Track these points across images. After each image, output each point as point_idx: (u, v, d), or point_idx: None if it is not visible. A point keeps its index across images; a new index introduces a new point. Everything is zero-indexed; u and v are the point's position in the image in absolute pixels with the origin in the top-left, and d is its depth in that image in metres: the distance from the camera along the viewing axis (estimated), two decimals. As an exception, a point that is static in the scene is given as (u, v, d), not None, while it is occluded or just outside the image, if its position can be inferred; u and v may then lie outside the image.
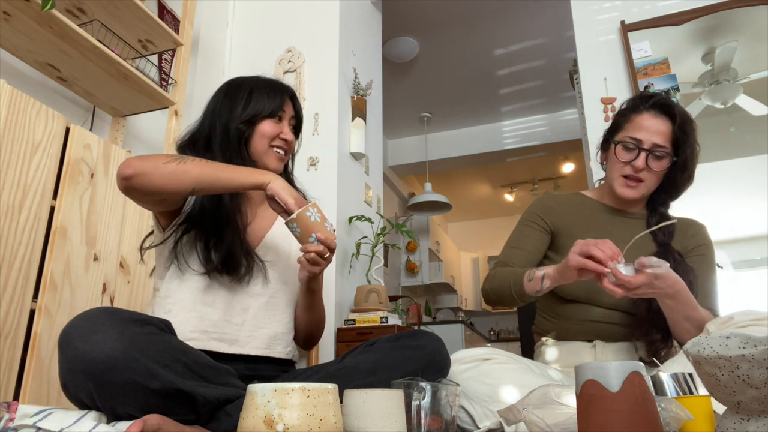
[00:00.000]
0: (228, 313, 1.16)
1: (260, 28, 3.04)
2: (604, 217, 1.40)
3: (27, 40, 1.77)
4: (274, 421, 0.65)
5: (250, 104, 1.25)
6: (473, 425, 1.12)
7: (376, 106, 3.18)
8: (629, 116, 1.34)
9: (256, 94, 1.27)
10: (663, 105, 1.31)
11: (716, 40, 2.39)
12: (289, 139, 1.28)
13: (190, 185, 1.06)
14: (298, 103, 1.34)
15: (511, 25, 3.93)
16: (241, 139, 1.24)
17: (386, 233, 2.80)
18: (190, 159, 1.07)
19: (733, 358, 0.59)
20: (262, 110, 1.25)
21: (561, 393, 0.82)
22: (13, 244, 1.38)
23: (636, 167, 1.29)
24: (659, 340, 1.22)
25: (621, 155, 1.31)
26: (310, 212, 1.09)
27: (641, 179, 1.30)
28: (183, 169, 1.04)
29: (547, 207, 1.43)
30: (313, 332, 1.33)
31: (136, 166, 1.03)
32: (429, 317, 5.67)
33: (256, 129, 1.25)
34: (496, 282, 1.32)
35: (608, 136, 1.39)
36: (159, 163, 1.04)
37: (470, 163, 5.59)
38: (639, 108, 1.33)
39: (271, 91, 1.29)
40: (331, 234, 1.12)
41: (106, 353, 0.81)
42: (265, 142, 1.25)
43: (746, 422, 0.62)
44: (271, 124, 1.26)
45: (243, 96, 1.26)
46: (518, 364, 1.22)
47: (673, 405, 0.76)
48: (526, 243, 1.39)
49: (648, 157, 1.29)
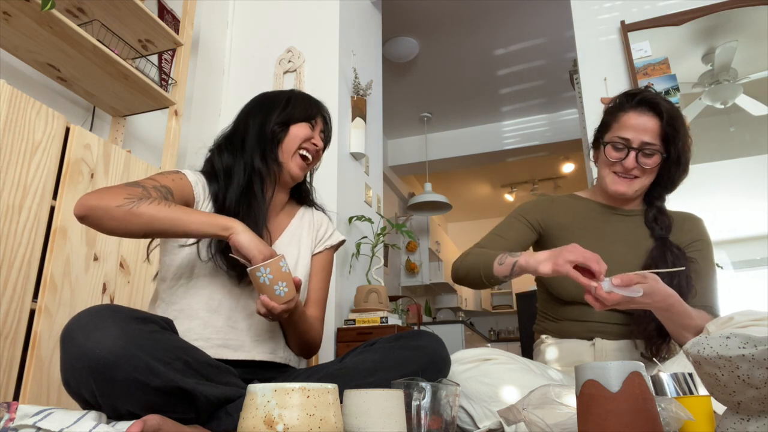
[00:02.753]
0: (232, 319, 1.16)
1: (260, 28, 3.04)
2: (601, 216, 1.40)
3: (27, 40, 1.78)
4: (274, 421, 0.65)
5: (287, 109, 1.29)
6: (473, 425, 1.12)
7: (376, 106, 3.18)
8: (616, 115, 1.33)
9: (294, 102, 1.31)
10: (649, 102, 1.30)
11: (716, 40, 2.39)
12: (318, 145, 1.31)
13: (140, 230, 1.03)
14: (330, 123, 1.38)
15: (511, 25, 3.93)
16: (274, 139, 1.26)
17: (386, 233, 2.80)
18: (147, 201, 1.04)
19: (733, 358, 0.59)
20: (297, 114, 1.29)
21: (561, 393, 0.82)
22: (13, 244, 1.38)
23: (626, 167, 1.29)
24: (657, 337, 1.22)
25: (611, 155, 1.31)
26: (260, 272, 1.03)
27: (636, 176, 1.30)
28: (135, 213, 1.01)
29: (540, 207, 1.44)
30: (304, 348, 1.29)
31: (88, 207, 1.01)
32: (429, 317, 5.67)
33: (290, 130, 1.27)
34: (468, 260, 1.32)
35: (598, 135, 1.39)
36: (112, 205, 1.01)
37: (470, 163, 5.59)
38: (625, 106, 1.32)
39: (309, 102, 1.33)
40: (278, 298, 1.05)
41: (107, 350, 0.81)
42: (296, 144, 1.27)
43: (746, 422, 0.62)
44: (304, 128, 1.29)
45: (281, 102, 1.30)
46: (518, 364, 1.21)
47: (673, 405, 0.76)
48: (508, 233, 1.40)
49: (638, 156, 1.28)
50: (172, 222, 1.03)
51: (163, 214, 1.03)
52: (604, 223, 1.38)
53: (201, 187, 1.23)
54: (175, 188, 1.16)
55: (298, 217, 1.38)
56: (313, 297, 1.34)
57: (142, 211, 1.02)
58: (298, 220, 1.37)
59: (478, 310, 7.30)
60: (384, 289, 2.56)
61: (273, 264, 1.04)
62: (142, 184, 1.11)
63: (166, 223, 1.03)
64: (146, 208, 1.02)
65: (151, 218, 1.02)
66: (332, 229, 1.43)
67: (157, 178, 1.15)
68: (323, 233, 1.40)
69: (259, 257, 1.04)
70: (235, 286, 1.18)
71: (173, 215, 1.04)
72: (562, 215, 1.41)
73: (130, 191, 1.05)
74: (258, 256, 1.04)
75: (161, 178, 1.16)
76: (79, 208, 1.02)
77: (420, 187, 6.48)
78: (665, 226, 1.32)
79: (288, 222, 1.35)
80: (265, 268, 1.03)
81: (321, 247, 1.38)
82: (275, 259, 1.05)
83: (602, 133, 1.37)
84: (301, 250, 1.32)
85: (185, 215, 1.05)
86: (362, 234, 2.77)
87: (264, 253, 1.05)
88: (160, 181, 1.14)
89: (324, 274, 1.38)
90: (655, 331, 1.22)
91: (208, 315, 1.14)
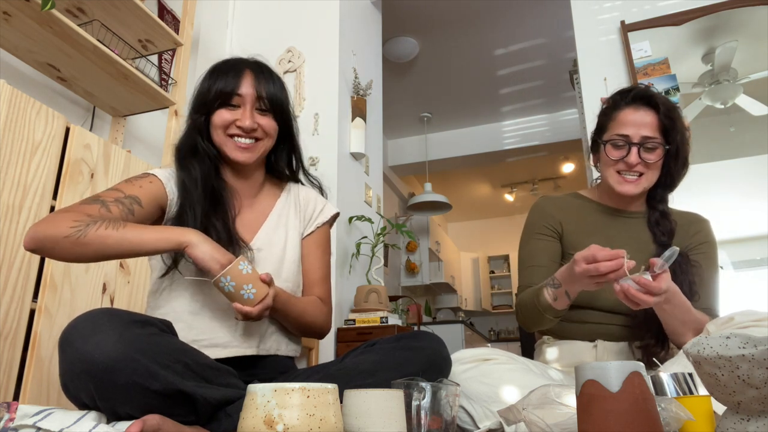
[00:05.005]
0: (217, 318, 1.13)
1: (260, 28, 3.04)
2: (605, 220, 1.38)
3: (27, 40, 1.78)
4: (274, 421, 0.65)
5: (200, 90, 1.17)
6: (473, 425, 1.12)
7: (376, 106, 3.18)
8: (612, 114, 1.32)
9: (209, 78, 1.18)
10: (644, 96, 1.29)
11: (716, 40, 2.39)
12: (246, 125, 1.14)
13: (93, 257, 1.01)
14: (268, 81, 1.20)
15: (511, 25, 3.93)
16: (197, 130, 1.17)
17: (386, 233, 2.80)
18: (96, 226, 0.99)
19: (733, 358, 0.59)
20: (209, 97, 1.15)
21: (561, 393, 0.82)
22: (13, 244, 1.38)
23: (629, 163, 1.27)
24: (654, 344, 1.22)
25: (612, 153, 1.29)
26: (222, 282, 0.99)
27: (641, 172, 1.28)
28: (81, 242, 0.98)
29: (547, 213, 1.40)
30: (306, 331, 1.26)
31: (36, 240, 0.98)
32: (429, 317, 5.67)
33: (212, 119, 1.16)
34: (524, 311, 1.28)
35: (596, 138, 1.37)
36: (59, 236, 0.97)
37: (470, 163, 5.59)
38: (620, 104, 1.31)
39: (222, 73, 1.17)
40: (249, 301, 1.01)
41: (106, 354, 0.80)
42: (221, 133, 1.16)
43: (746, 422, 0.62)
44: (222, 113, 1.16)
45: (198, 83, 1.19)
46: (518, 364, 1.21)
47: (673, 405, 0.75)
48: (540, 258, 1.35)
49: (640, 151, 1.26)
50: (122, 245, 1.00)
51: (112, 240, 0.99)
52: (609, 226, 1.37)
53: (174, 183, 1.19)
54: (144, 195, 1.12)
55: (284, 196, 1.31)
56: (312, 277, 1.28)
57: (89, 239, 0.98)
58: (284, 200, 1.31)
59: (478, 310, 7.31)
60: (384, 289, 2.56)
61: (232, 270, 1.00)
62: (102, 198, 1.07)
63: (117, 247, 1.00)
64: (93, 235, 0.98)
65: (100, 245, 0.99)
66: (322, 203, 1.34)
67: (123, 188, 1.11)
68: (312, 211, 1.32)
69: (216, 268, 1.00)
70: None
71: (123, 237, 1.00)
72: (569, 216, 1.39)
73: (78, 217, 1.00)
74: (215, 267, 1.00)
75: (127, 186, 1.12)
76: (27, 241, 0.99)
77: (420, 187, 6.48)
78: (668, 231, 1.31)
79: (273, 203, 1.29)
80: (225, 276, 0.99)
81: (312, 226, 1.31)
82: (232, 266, 1.00)
83: (600, 135, 1.35)
84: (289, 233, 1.26)
85: (137, 235, 1.01)
86: (362, 234, 2.77)
87: (221, 261, 1.01)
88: (126, 191, 1.10)
89: (320, 252, 1.31)
90: (654, 340, 1.21)
91: (192, 318, 1.12)
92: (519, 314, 1.32)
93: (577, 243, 1.34)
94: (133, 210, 1.10)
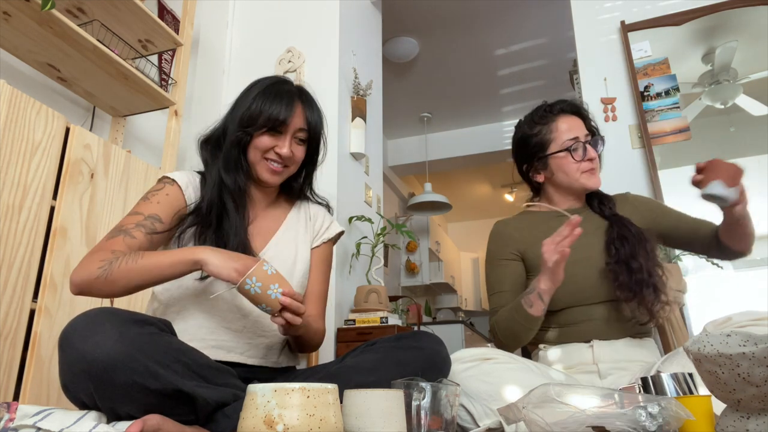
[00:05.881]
0: (227, 320, 1.15)
1: (260, 28, 3.04)
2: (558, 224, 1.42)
3: (27, 40, 1.78)
4: (274, 421, 0.65)
5: (251, 110, 1.19)
6: (473, 423, 1.12)
7: (376, 106, 3.18)
8: (548, 128, 1.45)
9: (260, 99, 1.20)
10: (571, 105, 1.48)
11: (716, 40, 2.39)
12: (284, 154, 1.19)
13: (125, 291, 1.06)
14: (312, 111, 1.25)
15: (511, 25, 3.93)
16: (239, 146, 1.20)
17: (386, 233, 2.80)
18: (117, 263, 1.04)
19: (734, 356, 0.59)
20: (262, 120, 1.18)
21: (561, 392, 0.82)
22: (13, 244, 1.38)
23: (592, 157, 1.41)
24: (651, 296, 1.27)
25: (576, 156, 1.41)
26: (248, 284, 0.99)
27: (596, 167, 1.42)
28: (110, 280, 1.03)
29: (507, 237, 1.48)
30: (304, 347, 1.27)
31: (77, 286, 1.05)
32: (429, 317, 5.67)
33: (253, 139, 1.20)
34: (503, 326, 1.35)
35: (540, 156, 1.47)
36: (92, 278, 1.03)
37: (470, 163, 5.59)
38: (550, 118, 1.46)
39: (275, 98, 1.20)
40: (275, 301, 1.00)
41: (106, 354, 0.80)
42: (259, 154, 1.20)
43: (746, 420, 0.62)
44: (266, 138, 1.19)
45: (248, 99, 1.21)
46: (519, 363, 1.22)
47: (673, 405, 0.75)
48: (504, 283, 1.43)
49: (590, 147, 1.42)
50: (144, 275, 1.04)
51: (135, 273, 1.04)
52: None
53: (192, 189, 1.22)
54: (162, 210, 1.16)
55: (295, 210, 1.35)
56: (311, 291, 1.30)
57: (116, 277, 1.03)
58: (295, 214, 1.34)
59: (478, 310, 7.30)
60: (384, 289, 2.56)
61: (257, 271, 0.99)
62: (124, 227, 1.11)
63: (141, 278, 1.04)
64: (117, 272, 1.03)
65: (127, 280, 1.04)
66: (329, 220, 1.38)
67: (142, 209, 1.15)
68: (320, 226, 1.36)
69: (234, 276, 1.01)
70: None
71: (144, 268, 1.04)
72: (526, 234, 1.46)
73: (104, 256, 1.05)
74: (234, 276, 1.01)
75: (145, 206, 1.15)
76: (73, 288, 1.06)
77: (420, 187, 6.48)
78: (611, 204, 1.46)
79: (284, 216, 1.32)
80: (250, 278, 0.99)
81: (318, 241, 1.34)
82: (257, 267, 1.00)
83: (543, 151, 1.46)
84: (299, 246, 1.30)
85: (155, 263, 1.04)
86: (362, 234, 2.77)
87: (238, 269, 1.01)
88: (145, 212, 1.14)
89: (322, 267, 1.34)
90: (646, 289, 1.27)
91: (203, 316, 1.13)
92: (497, 334, 1.37)
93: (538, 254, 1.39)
94: (155, 228, 1.13)
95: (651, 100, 2.35)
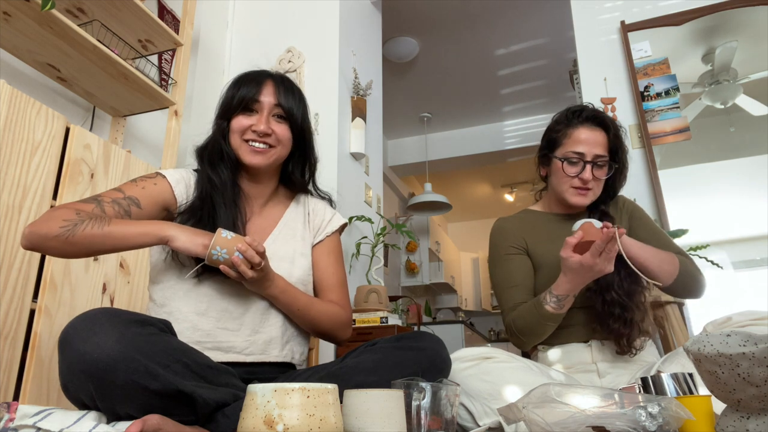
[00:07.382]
0: (222, 320, 1.14)
1: (260, 28, 3.04)
2: (559, 226, 1.44)
3: (27, 40, 1.78)
4: (274, 421, 0.65)
5: (225, 98, 1.23)
6: (473, 423, 1.12)
7: (376, 106, 3.18)
8: (566, 131, 1.40)
9: (234, 87, 1.24)
10: (596, 117, 1.38)
11: (716, 40, 2.39)
12: (260, 130, 1.19)
13: (83, 254, 1.05)
14: (287, 89, 1.25)
15: (511, 25, 3.93)
16: (221, 135, 1.22)
17: (386, 233, 2.80)
18: (83, 225, 1.03)
19: (734, 355, 0.59)
20: (236, 103, 1.21)
21: (561, 392, 0.82)
22: (13, 244, 1.38)
23: (584, 179, 1.35)
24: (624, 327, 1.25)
25: (567, 170, 1.37)
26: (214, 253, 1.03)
27: (590, 188, 1.37)
28: (70, 241, 1.02)
29: (509, 232, 1.46)
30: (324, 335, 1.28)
31: (29, 239, 1.03)
32: (429, 317, 5.67)
33: (231, 125, 1.22)
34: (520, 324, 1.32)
35: (547, 152, 1.44)
36: (50, 235, 1.02)
37: (470, 163, 5.59)
38: (573, 122, 1.39)
39: (246, 81, 1.24)
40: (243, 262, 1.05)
41: (106, 354, 0.80)
42: (237, 138, 1.21)
43: (746, 420, 0.62)
44: (241, 119, 1.21)
45: (227, 90, 1.25)
46: (519, 363, 1.22)
47: (673, 405, 0.75)
48: (514, 278, 1.40)
49: (592, 168, 1.35)
50: (106, 242, 1.04)
51: (98, 238, 1.03)
52: (564, 230, 1.41)
53: (184, 185, 1.22)
54: (144, 196, 1.15)
55: (294, 206, 1.35)
56: (327, 283, 1.31)
57: (77, 239, 1.02)
58: (294, 209, 1.34)
59: (478, 310, 7.30)
60: (384, 289, 2.56)
61: (217, 240, 1.04)
62: (100, 198, 1.11)
63: (102, 244, 1.04)
64: (81, 235, 1.02)
65: (88, 245, 1.03)
66: (331, 213, 1.38)
67: (125, 188, 1.15)
68: (320, 221, 1.35)
69: (201, 250, 1.04)
70: (225, 286, 1.15)
71: (108, 234, 1.04)
72: (528, 230, 1.46)
73: (69, 215, 1.04)
74: (200, 250, 1.04)
75: (130, 187, 1.16)
76: (22, 240, 1.05)
77: (420, 187, 6.48)
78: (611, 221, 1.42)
79: (282, 212, 1.32)
80: (213, 248, 1.03)
81: (321, 236, 1.34)
82: (216, 236, 1.04)
83: (552, 150, 1.42)
84: (297, 243, 1.29)
85: (120, 231, 1.05)
86: (362, 234, 2.77)
87: (203, 243, 1.05)
88: (127, 192, 1.14)
89: (332, 259, 1.34)
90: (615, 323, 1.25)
91: (198, 318, 1.12)
92: (514, 332, 1.34)
93: (541, 253, 1.41)
94: (130, 211, 1.13)
95: (651, 100, 2.35)
